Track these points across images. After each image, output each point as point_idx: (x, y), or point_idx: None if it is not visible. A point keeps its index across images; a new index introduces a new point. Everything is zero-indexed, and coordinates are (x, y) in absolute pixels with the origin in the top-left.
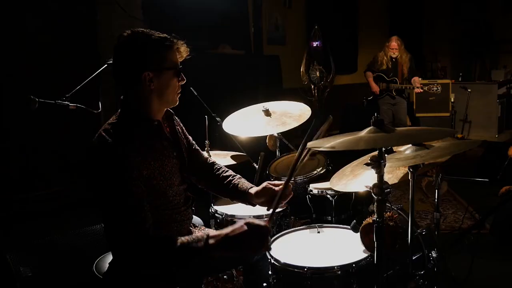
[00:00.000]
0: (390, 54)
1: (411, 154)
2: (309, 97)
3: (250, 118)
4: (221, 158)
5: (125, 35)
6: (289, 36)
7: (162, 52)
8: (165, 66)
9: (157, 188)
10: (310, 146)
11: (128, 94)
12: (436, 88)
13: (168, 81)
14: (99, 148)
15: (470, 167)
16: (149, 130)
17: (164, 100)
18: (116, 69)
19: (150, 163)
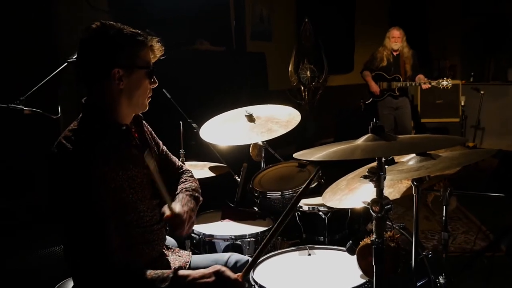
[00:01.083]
0: (392, 45)
1: (415, 166)
2: (299, 100)
3: (231, 124)
4: (198, 169)
5: (94, 26)
6: (276, 31)
7: (135, 49)
8: (137, 64)
9: (127, 202)
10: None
11: (93, 96)
12: (447, 82)
13: (139, 81)
14: (58, 158)
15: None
16: (116, 137)
17: (133, 103)
18: (82, 64)
19: (118, 173)
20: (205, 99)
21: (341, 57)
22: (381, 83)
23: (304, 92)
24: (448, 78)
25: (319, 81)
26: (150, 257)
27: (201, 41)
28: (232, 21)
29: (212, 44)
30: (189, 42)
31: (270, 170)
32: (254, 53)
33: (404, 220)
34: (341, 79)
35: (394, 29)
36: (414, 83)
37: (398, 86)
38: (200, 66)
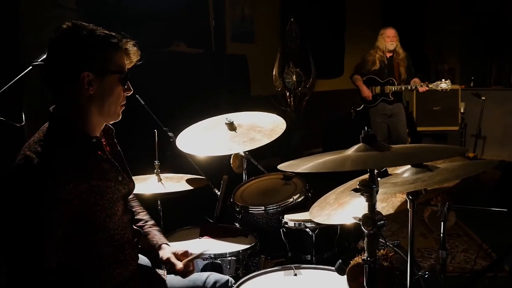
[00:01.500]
0: (387, 46)
1: (411, 178)
2: (284, 107)
3: (210, 133)
4: (174, 182)
5: (65, 27)
6: (259, 31)
7: (107, 52)
8: (110, 68)
9: (94, 219)
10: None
11: (60, 103)
12: (446, 84)
13: (111, 87)
14: (23, 171)
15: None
16: (86, 149)
17: (105, 111)
18: (50, 67)
19: (84, 190)
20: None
21: (330, 60)
22: (373, 88)
23: (290, 98)
24: (447, 80)
25: (306, 86)
26: (122, 278)
27: (178, 42)
28: (211, 21)
29: (189, 46)
30: (164, 44)
31: (253, 183)
32: (235, 56)
33: (398, 237)
34: (330, 84)
35: (389, 28)
36: (409, 87)
37: (392, 90)
38: (177, 70)
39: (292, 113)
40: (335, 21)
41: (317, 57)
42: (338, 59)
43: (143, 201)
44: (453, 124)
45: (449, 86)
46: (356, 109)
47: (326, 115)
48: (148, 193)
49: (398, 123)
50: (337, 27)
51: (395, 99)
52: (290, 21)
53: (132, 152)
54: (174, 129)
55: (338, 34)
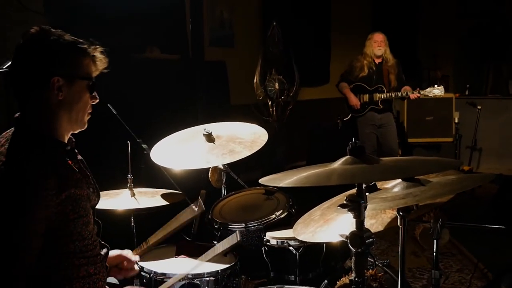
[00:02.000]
0: (375, 51)
1: (401, 193)
2: (266, 116)
3: (186, 144)
4: (148, 197)
5: (33, 31)
6: (239, 36)
7: (76, 57)
8: (78, 74)
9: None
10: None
11: (28, 110)
12: (439, 91)
13: (79, 93)
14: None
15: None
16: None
17: (73, 118)
18: (17, 73)
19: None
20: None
21: (315, 66)
22: (361, 96)
23: (272, 107)
24: (440, 85)
25: (289, 95)
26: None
27: (152, 48)
28: (188, 25)
29: (164, 52)
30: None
31: (233, 198)
32: (213, 62)
33: (388, 256)
34: (315, 92)
35: (377, 33)
36: (400, 94)
37: (381, 98)
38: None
39: (275, 124)
40: (321, 25)
41: (301, 64)
42: (323, 65)
43: (115, 217)
44: (446, 135)
45: (443, 92)
46: (343, 119)
47: (311, 125)
48: (120, 209)
49: (388, 134)
50: (322, 32)
51: (384, 108)
52: (272, 25)
53: (103, 165)
54: (148, 141)
55: (323, 38)
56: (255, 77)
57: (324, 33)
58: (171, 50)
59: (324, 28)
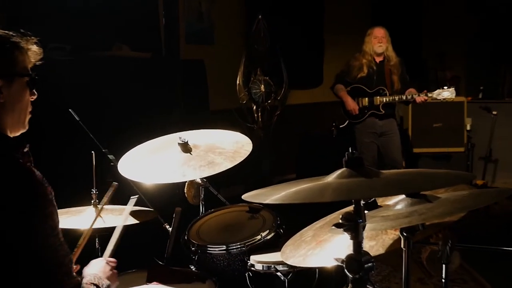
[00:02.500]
0: (375, 48)
1: (405, 211)
2: (250, 123)
3: (160, 155)
4: (115, 215)
5: None
6: (220, 31)
7: (12, 52)
8: (16, 71)
9: None
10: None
11: None
12: (449, 93)
13: (20, 92)
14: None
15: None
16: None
17: (16, 120)
18: None
19: None
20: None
21: (307, 66)
22: (360, 99)
23: (257, 113)
24: (451, 87)
25: (277, 98)
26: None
27: (120, 45)
28: (160, 18)
29: (134, 49)
30: (102, 46)
31: (212, 216)
32: (190, 61)
33: (390, 283)
34: (306, 95)
35: (377, 27)
36: (404, 97)
37: (383, 101)
38: (119, 79)
39: (260, 131)
40: (313, 19)
41: (290, 63)
42: (316, 64)
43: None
44: (457, 145)
45: (453, 95)
46: (339, 126)
47: (302, 133)
48: (83, 229)
49: (390, 143)
50: (315, 26)
51: (386, 114)
52: (258, 18)
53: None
54: (115, 151)
55: (316, 34)
56: (238, 78)
57: (317, 28)
58: (142, 48)
59: (317, 23)
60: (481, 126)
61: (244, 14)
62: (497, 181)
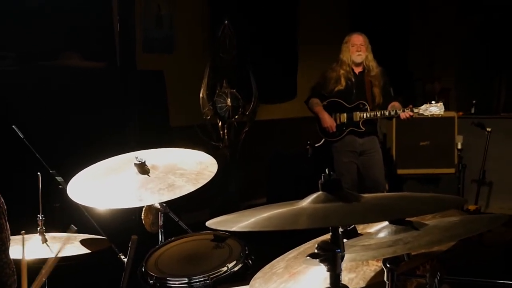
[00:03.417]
0: (353, 57)
1: (389, 239)
2: (215, 141)
3: (114, 177)
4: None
5: None
6: (181, 38)
7: None
8: None
9: None
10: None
11: None
12: (437, 108)
13: None
14: None
15: (490, 260)
16: None
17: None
18: None
19: None
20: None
21: (279, 77)
22: (337, 115)
23: (223, 130)
24: (439, 101)
25: (245, 113)
26: None
27: (70, 53)
28: (115, 23)
29: (85, 58)
30: (50, 56)
31: (172, 246)
32: (148, 72)
33: None
34: (278, 110)
35: (355, 34)
36: (387, 112)
37: (363, 118)
38: (69, 91)
39: (226, 150)
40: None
41: (260, 74)
42: (289, 76)
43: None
44: (447, 165)
45: (442, 111)
46: (314, 144)
47: (273, 152)
48: (28, 259)
49: (372, 163)
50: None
51: (367, 131)
52: (224, 24)
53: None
54: (64, 172)
55: (289, 42)
56: (201, 91)
57: (290, 35)
58: (94, 57)
59: (291, 29)
60: (474, 145)
61: (209, 19)
62: (492, 206)
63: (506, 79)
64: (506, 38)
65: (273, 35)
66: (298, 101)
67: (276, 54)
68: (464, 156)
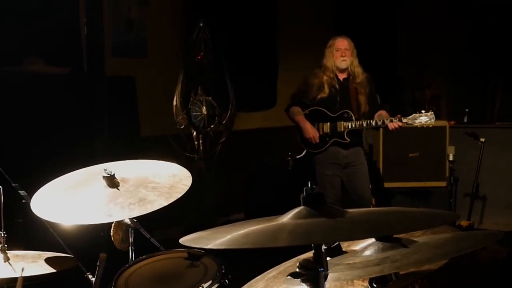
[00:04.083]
0: (337, 62)
1: (375, 258)
2: (189, 152)
3: (81, 191)
4: (28, 263)
5: None
6: (154, 42)
7: None
8: None
9: None
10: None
11: None
12: (428, 118)
13: None
14: None
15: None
16: None
17: None
18: None
19: None
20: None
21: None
22: (320, 125)
23: (198, 140)
24: (430, 111)
25: (222, 122)
26: None
27: (33, 59)
28: (82, 26)
29: (50, 64)
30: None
31: (144, 264)
32: (117, 78)
33: None
34: (257, 119)
35: (340, 38)
36: (374, 122)
37: (348, 128)
38: (32, 99)
39: (202, 162)
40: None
41: (238, 80)
42: (269, 82)
43: None
44: (438, 178)
45: (433, 120)
46: (296, 156)
47: (252, 164)
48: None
49: (357, 176)
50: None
51: (352, 142)
52: (199, 26)
53: None
54: (28, 186)
55: (269, 46)
56: (174, 99)
57: (269, 38)
58: (60, 62)
59: (270, 32)
60: (467, 156)
61: (183, 21)
62: (486, 222)
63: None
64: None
65: (252, 38)
66: (278, 109)
67: (255, 59)
68: (456, 169)
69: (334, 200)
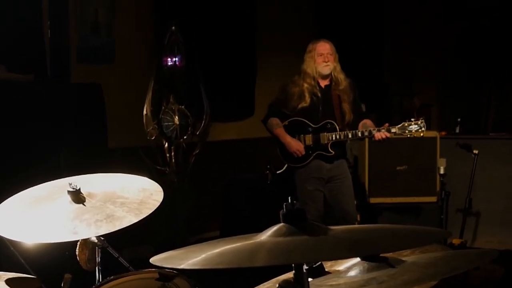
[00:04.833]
0: (319, 68)
1: (361, 278)
2: (160, 165)
3: (44, 207)
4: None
5: None
6: (122, 46)
7: None
8: None
9: None
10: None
11: None
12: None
13: None
14: None
15: None
16: None
17: None
18: None
19: None
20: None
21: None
22: (302, 137)
23: (170, 152)
24: (420, 119)
25: (195, 133)
26: None
27: None
28: (45, 30)
29: (11, 70)
30: None
31: (112, 285)
32: (83, 85)
33: None
34: (233, 129)
35: (321, 41)
36: (360, 133)
37: (332, 139)
38: None
39: (174, 176)
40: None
41: (213, 87)
42: (246, 90)
43: None
44: (428, 193)
45: (424, 129)
46: (275, 171)
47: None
48: None
49: (341, 191)
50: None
51: (336, 154)
52: (171, 30)
53: None
54: None
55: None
56: (145, 107)
57: (247, 43)
58: (22, 68)
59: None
60: (459, 169)
61: (152, 25)
62: (479, 240)
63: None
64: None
65: (228, 43)
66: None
67: (231, 65)
68: (448, 183)
69: (316, 216)
